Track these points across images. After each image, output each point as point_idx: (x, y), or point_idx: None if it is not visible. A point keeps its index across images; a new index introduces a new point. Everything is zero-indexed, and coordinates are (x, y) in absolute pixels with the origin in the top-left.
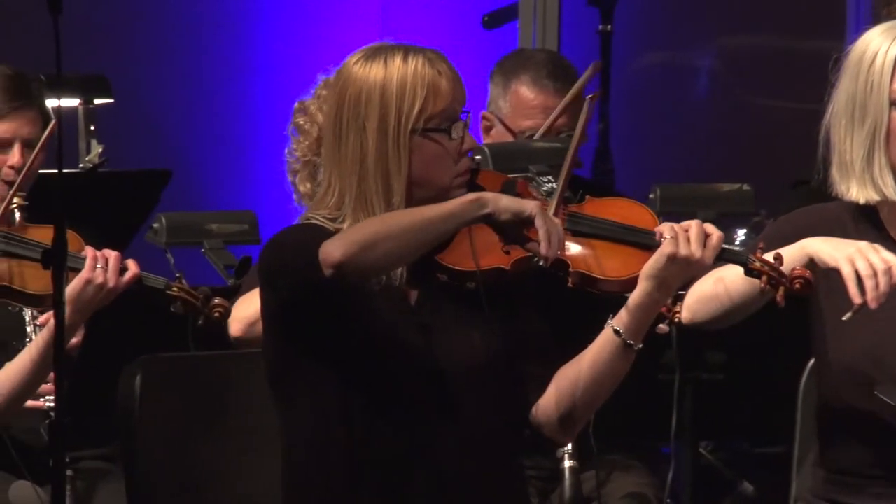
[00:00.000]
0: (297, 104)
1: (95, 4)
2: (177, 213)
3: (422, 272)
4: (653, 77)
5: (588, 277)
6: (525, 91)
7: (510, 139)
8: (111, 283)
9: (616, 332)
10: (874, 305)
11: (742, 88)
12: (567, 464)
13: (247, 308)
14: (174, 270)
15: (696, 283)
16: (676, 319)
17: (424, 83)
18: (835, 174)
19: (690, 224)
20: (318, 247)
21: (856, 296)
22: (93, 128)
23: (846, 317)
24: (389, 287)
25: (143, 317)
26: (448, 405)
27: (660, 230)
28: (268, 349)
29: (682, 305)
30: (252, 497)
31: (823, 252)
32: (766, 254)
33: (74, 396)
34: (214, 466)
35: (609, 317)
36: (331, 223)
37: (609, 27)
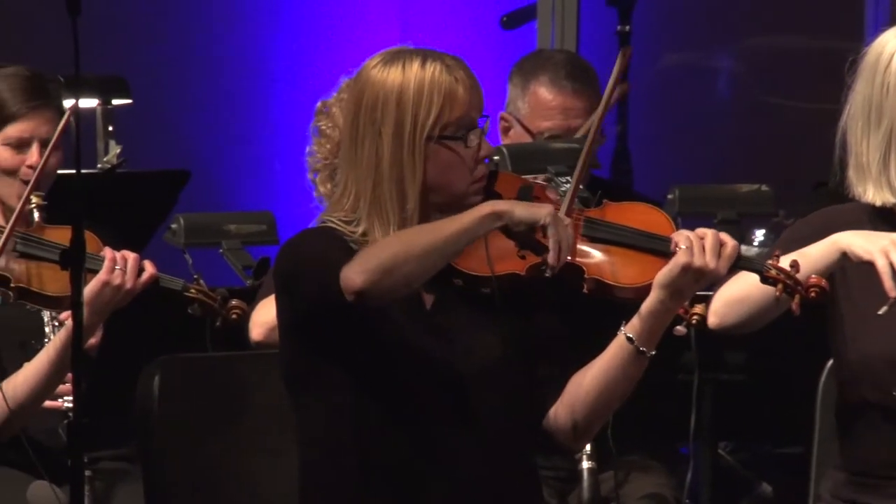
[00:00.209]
0: (320, 104)
1: (114, 5)
2: (195, 214)
3: (437, 277)
4: (671, 77)
5: (603, 284)
6: (544, 92)
7: (529, 140)
8: (129, 285)
9: (629, 339)
10: None
11: (761, 89)
12: (585, 465)
13: (267, 313)
14: (192, 271)
15: (723, 288)
16: (694, 321)
17: (441, 90)
18: (851, 176)
19: (706, 233)
20: (337, 266)
21: (892, 289)
22: (111, 128)
23: (882, 311)
24: None
25: (162, 317)
26: (462, 408)
27: (675, 240)
28: (284, 351)
29: (709, 310)
30: (270, 497)
31: (856, 245)
32: (784, 258)
33: (93, 397)
34: (232, 467)
35: (622, 323)
36: (346, 226)
37: (628, 27)
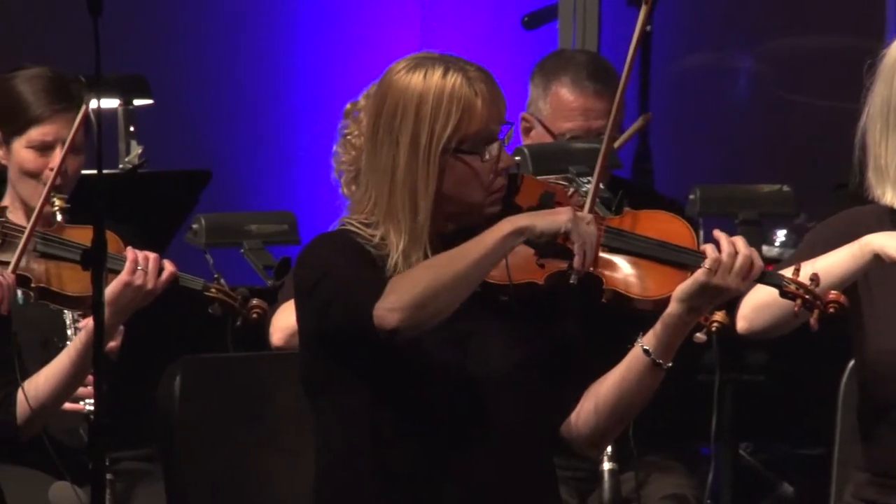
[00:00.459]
0: (349, 106)
1: (135, 6)
2: (216, 214)
3: None
4: (692, 78)
5: (621, 295)
6: (565, 93)
7: (550, 141)
8: (150, 285)
9: (645, 352)
10: None
11: (782, 89)
12: (606, 466)
13: (287, 318)
14: (213, 271)
15: (751, 293)
16: (714, 329)
17: (460, 103)
18: (871, 178)
19: (737, 254)
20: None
21: None
22: (132, 129)
23: None
24: None
25: (183, 318)
26: (480, 415)
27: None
28: (303, 355)
29: (738, 314)
30: (289, 498)
31: (889, 247)
32: (805, 265)
33: (114, 397)
34: (253, 467)
35: (639, 335)
36: (366, 229)
37: (649, 28)
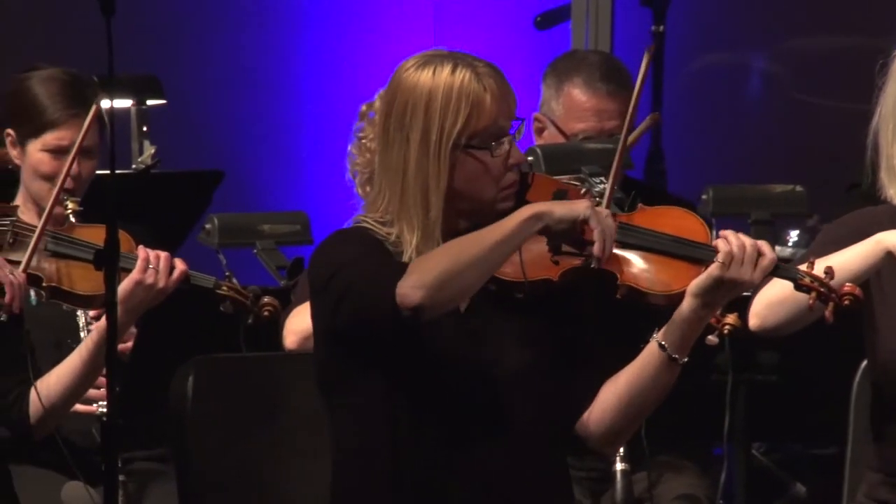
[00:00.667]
0: (364, 107)
1: (148, 6)
2: (229, 214)
3: None
4: (705, 78)
5: (636, 290)
6: (578, 94)
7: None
8: (162, 284)
9: (661, 347)
10: None
11: (795, 89)
12: (618, 466)
13: (301, 321)
14: (226, 271)
15: (763, 290)
16: (726, 331)
17: (469, 99)
18: (883, 178)
19: (745, 245)
20: (382, 278)
21: None
22: (145, 129)
23: None
24: None
25: (195, 318)
26: (495, 412)
27: (716, 246)
28: (318, 354)
29: (750, 312)
30: (303, 498)
31: None
32: (819, 262)
33: (126, 397)
34: (266, 467)
35: (654, 330)
36: (381, 227)
37: (662, 28)
